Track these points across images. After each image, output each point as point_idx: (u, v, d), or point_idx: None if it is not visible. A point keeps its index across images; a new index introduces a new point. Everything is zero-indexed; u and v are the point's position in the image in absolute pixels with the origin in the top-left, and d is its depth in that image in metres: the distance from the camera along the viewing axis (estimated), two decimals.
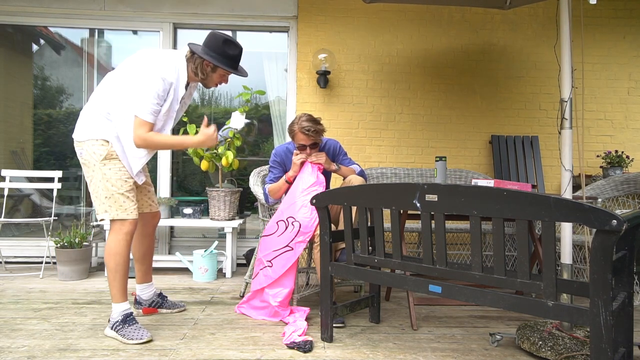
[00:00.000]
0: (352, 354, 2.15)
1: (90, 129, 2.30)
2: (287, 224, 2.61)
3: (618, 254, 1.73)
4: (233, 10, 4.23)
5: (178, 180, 4.57)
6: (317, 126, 2.75)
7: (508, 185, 2.43)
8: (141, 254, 2.64)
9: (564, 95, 2.33)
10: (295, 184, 2.74)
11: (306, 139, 2.75)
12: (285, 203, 2.71)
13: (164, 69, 2.26)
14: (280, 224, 2.64)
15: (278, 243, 2.61)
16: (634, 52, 4.32)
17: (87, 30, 4.46)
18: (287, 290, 2.57)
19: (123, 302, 2.32)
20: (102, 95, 2.32)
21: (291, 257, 2.56)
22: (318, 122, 2.77)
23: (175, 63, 2.31)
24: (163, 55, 2.34)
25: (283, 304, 2.57)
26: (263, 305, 2.64)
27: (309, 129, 2.71)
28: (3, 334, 2.33)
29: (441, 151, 4.24)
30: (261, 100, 4.53)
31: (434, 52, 4.29)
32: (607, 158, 3.90)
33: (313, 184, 2.67)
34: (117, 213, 2.28)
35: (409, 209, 1.98)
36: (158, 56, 2.32)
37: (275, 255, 2.59)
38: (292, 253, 2.56)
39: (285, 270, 2.56)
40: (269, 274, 2.60)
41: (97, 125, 2.30)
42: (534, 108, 4.29)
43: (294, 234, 2.58)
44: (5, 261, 4.00)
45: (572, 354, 2.00)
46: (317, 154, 2.77)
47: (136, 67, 2.30)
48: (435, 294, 1.92)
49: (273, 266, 2.59)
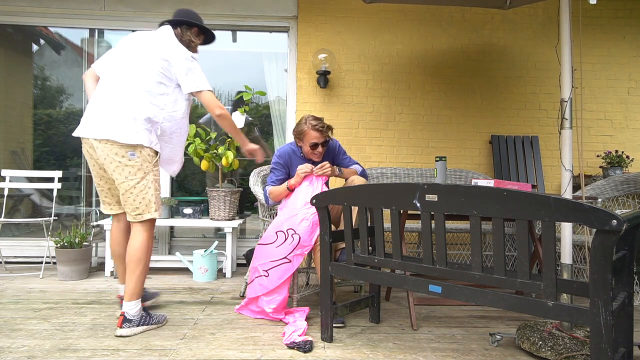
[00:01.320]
0: (352, 354, 2.15)
1: (141, 135, 2.37)
2: (286, 236, 2.59)
3: (618, 254, 1.73)
4: (233, 10, 4.23)
5: (178, 180, 4.57)
6: (326, 124, 2.79)
7: (508, 185, 2.43)
8: (123, 253, 2.63)
9: (564, 95, 2.33)
10: (296, 196, 2.70)
11: (319, 136, 2.75)
12: (285, 214, 2.67)
13: (183, 48, 2.48)
14: (280, 234, 2.61)
15: (276, 254, 2.59)
16: (634, 52, 4.32)
17: (87, 30, 4.46)
18: (282, 297, 2.57)
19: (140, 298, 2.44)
20: (137, 96, 2.39)
21: (288, 270, 2.55)
22: (324, 121, 2.82)
23: (178, 41, 2.51)
24: (166, 37, 2.50)
25: (277, 311, 2.57)
26: (259, 310, 2.65)
27: (322, 126, 2.74)
28: (3, 334, 2.33)
29: (441, 151, 4.24)
30: (261, 100, 4.52)
31: (434, 52, 4.29)
32: (607, 158, 3.90)
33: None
34: (158, 212, 2.48)
35: (409, 209, 1.98)
36: (167, 39, 2.49)
37: (273, 266, 2.57)
38: (290, 265, 2.55)
39: (282, 281, 2.55)
40: (264, 283, 2.58)
41: (144, 130, 2.39)
42: (534, 108, 4.30)
43: (292, 246, 2.56)
44: (5, 261, 4.00)
45: (572, 354, 2.00)
46: (323, 167, 2.72)
47: (158, 57, 2.42)
48: (435, 294, 1.92)
49: (269, 276, 2.57)
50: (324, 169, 2.71)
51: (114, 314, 2.68)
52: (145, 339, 2.28)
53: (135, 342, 2.24)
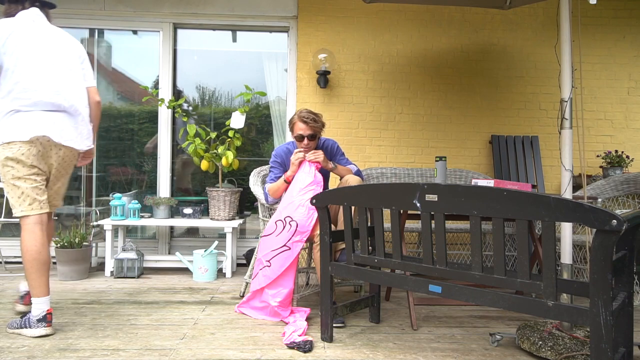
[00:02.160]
0: (352, 354, 2.15)
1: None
2: (284, 224, 2.61)
3: (618, 254, 1.73)
4: (233, 10, 4.23)
5: (178, 180, 4.57)
6: (316, 117, 2.81)
7: (508, 185, 2.43)
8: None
9: (564, 95, 2.33)
10: (292, 184, 2.75)
11: (305, 128, 2.78)
12: (283, 202, 2.72)
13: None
14: (279, 223, 2.64)
15: (276, 243, 2.61)
16: (634, 52, 4.32)
17: (87, 30, 4.46)
18: (287, 290, 2.57)
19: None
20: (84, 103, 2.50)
21: (289, 257, 2.56)
22: (318, 115, 2.84)
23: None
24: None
25: (283, 304, 2.57)
26: (263, 305, 2.64)
27: (307, 117, 2.77)
28: (3, 334, 2.33)
29: (441, 151, 4.24)
30: (261, 101, 4.52)
31: (434, 52, 4.29)
32: (607, 158, 3.90)
33: (310, 184, 2.68)
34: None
35: (409, 209, 1.98)
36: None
37: (274, 255, 2.60)
38: (290, 252, 2.56)
39: (284, 269, 2.56)
40: (268, 273, 2.60)
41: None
42: (534, 108, 4.30)
43: (291, 233, 2.58)
44: (5, 261, 4.00)
45: (572, 354, 2.00)
46: (315, 152, 2.76)
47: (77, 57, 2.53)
48: (435, 294, 1.92)
49: (271, 266, 2.59)
50: (316, 154, 2.75)
51: (114, 313, 2.68)
52: (145, 339, 2.28)
53: (135, 342, 2.24)
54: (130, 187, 4.46)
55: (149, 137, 4.44)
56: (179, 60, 4.41)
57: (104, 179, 4.51)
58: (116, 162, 4.50)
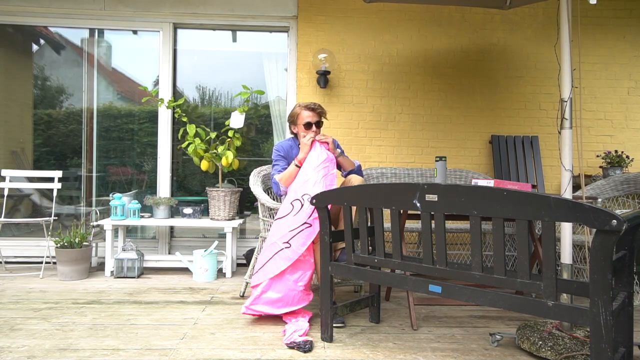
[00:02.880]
0: (352, 354, 2.15)
1: None
2: (302, 202, 2.58)
3: (618, 254, 1.73)
4: (233, 10, 4.23)
5: (178, 180, 4.57)
6: (320, 105, 2.90)
7: (508, 185, 2.43)
8: None
9: (564, 95, 2.33)
10: (305, 164, 2.75)
11: (312, 115, 2.87)
12: (297, 182, 2.70)
13: None
14: (295, 203, 2.60)
15: (295, 222, 2.56)
16: (634, 52, 4.32)
17: (87, 30, 4.46)
18: (309, 272, 2.55)
19: None
20: None
21: (311, 234, 2.52)
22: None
23: None
24: None
25: (307, 288, 2.56)
26: (278, 297, 2.51)
27: (313, 105, 2.87)
28: (3, 334, 2.33)
29: (441, 151, 4.24)
30: (261, 100, 4.53)
31: (434, 52, 4.29)
32: (607, 158, 3.90)
33: (325, 160, 2.71)
34: None
35: (409, 209, 1.98)
36: None
37: (293, 235, 2.53)
38: (312, 229, 2.52)
39: (306, 248, 2.51)
40: (288, 255, 2.51)
41: None
42: (534, 108, 4.29)
43: (311, 209, 2.54)
44: (5, 261, 4.00)
45: (572, 354, 2.00)
46: (324, 134, 2.86)
47: None
48: (435, 294, 1.92)
49: (291, 246, 2.52)
50: (326, 136, 2.83)
51: (114, 313, 2.68)
52: (145, 339, 2.28)
53: (135, 342, 2.24)
54: (130, 187, 4.46)
55: (149, 137, 4.44)
56: (179, 60, 4.41)
57: (104, 179, 4.51)
58: (116, 162, 4.50)
